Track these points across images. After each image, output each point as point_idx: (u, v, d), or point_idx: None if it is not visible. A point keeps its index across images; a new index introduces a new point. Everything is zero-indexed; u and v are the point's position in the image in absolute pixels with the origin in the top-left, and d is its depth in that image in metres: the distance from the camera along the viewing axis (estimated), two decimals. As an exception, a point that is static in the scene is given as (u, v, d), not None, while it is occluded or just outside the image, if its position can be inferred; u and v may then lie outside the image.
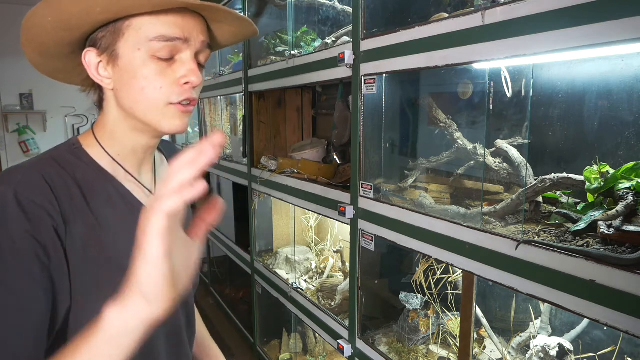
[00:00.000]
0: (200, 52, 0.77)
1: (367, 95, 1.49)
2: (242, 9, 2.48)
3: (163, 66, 0.73)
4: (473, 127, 1.47)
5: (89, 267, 0.73)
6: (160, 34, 0.72)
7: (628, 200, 0.98)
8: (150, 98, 0.74)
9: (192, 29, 0.74)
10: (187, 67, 0.74)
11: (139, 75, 0.73)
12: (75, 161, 0.78)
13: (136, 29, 0.73)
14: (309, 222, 2.60)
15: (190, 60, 0.75)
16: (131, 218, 0.80)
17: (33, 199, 0.67)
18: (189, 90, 0.76)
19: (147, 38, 0.72)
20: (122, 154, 0.82)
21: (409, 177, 1.60)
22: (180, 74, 0.74)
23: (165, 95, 0.74)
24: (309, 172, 2.01)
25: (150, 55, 0.73)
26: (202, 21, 0.77)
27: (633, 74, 1.11)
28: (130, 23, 0.73)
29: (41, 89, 5.18)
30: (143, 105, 0.75)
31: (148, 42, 0.72)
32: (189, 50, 0.75)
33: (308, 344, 2.42)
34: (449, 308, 1.57)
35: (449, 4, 1.39)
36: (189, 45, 0.74)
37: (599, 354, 1.17)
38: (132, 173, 0.84)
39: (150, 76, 0.73)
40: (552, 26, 0.89)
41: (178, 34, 0.72)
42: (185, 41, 0.74)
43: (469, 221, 1.18)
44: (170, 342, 0.89)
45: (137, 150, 0.83)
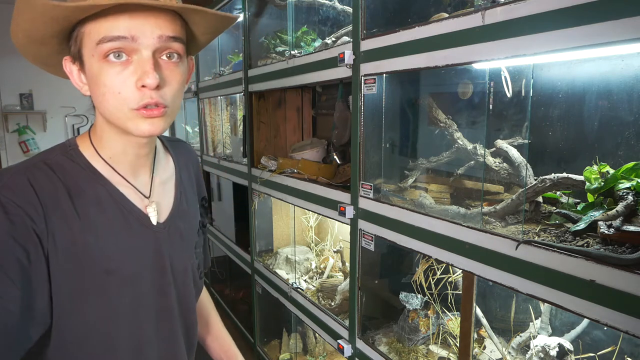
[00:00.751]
0: (163, 49, 0.72)
1: (367, 95, 1.49)
2: (242, 9, 2.48)
3: (118, 70, 0.70)
4: (473, 127, 1.47)
5: (75, 270, 0.73)
6: (103, 36, 0.68)
7: (628, 200, 0.98)
8: (111, 104, 0.72)
9: (142, 26, 0.69)
10: (142, 69, 0.70)
11: (99, 82, 0.72)
12: (68, 164, 0.77)
13: (88, 35, 0.71)
14: (309, 222, 2.60)
15: (145, 61, 0.70)
16: (123, 221, 0.80)
17: (15, 202, 0.68)
18: (150, 93, 0.71)
19: (95, 42, 0.70)
20: (113, 157, 0.81)
21: (409, 177, 1.60)
22: (136, 77, 0.70)
23: (125, 101, 0.71)
24: (309, 172, 2.01)
25: (102, 59, 0.70)
26: (162, 15, 0.72)
27: (633, 74, 1.11)
28: (83, 30, 0.71)
29: (41, 89, 5.18)
30: (108, 110, 0.73)
31: (96, 47, 0.70)
32: (143, 49, 0.70)
33: (308, 344, 2.42)
34: (449, 308, 1.57)
35: (449, 4, 1.39)
36: (140, 43, 0.70)
37: (599, 354, 1.17)
38: (125, 176, 0.83)
39: (107, 82, 0.71)
40: (552, 26, 0.89)
41: (122, 32, 0.68)
42: (132, 39, 0.69)
43: (469, 221, 1.18)
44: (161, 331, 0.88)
45: (127, 153, 0.82)
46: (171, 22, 0.73)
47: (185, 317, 0.93)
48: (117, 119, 0.74)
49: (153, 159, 0.90)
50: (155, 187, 0.88)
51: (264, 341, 2.75)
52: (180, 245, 0.91)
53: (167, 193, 0.91)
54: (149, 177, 0.88)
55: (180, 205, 0.93)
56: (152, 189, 0.87)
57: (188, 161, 1.02)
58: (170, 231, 0.88)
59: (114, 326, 0.80)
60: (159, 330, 0.87)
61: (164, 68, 0.73)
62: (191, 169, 1.02)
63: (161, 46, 0.71)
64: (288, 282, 2.23)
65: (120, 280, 0.79)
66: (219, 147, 3.28)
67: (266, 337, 2.76)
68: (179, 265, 0.90)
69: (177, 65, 0.75)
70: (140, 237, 0.83)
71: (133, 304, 0.81)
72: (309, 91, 2.59)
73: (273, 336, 2.74)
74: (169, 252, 0.87)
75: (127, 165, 0.83)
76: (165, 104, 0.73)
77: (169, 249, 0.87)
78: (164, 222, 0.87)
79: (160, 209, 0.87)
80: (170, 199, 0.91)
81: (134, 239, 0.82)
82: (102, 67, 0.70)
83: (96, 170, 0.80)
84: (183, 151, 1.02)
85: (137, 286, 0.82)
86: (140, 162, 0.85)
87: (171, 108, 0.76)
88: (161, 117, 0.74)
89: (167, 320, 0.88)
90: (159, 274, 0.85)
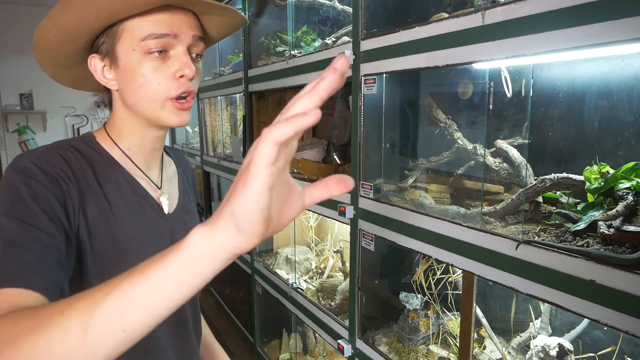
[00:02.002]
0: (193, 46, 0.82)
1: (367, 95, 1.49)
2: (242, 8, 2.48)
3: (158, 63, 0.78)
4: (473, 127, 1.47)
5: (95, 242, 0.78)
6: (150, 32, 0.76)
7: (628, 200, 0.98)
8: (149, 93, 0.79)
9: (180, 24, 0.79)
10: (181, 61, 0.79)
11: (137, 74, 0.79)
12: (88, 150, 0.84)
13: (129, 31, 0.78)
14: (309, 222, 2.60)
15: (183, 54, 0.79)
16: (139, 207, 0.87)
17: (52, 164, 0.74)
18: (186, 83, 0.80)
19: (139, 38, 0.77)
20: (131, 148, 0.88)
21: (409, 177, 1.60)
22: (175, 68, 0.78)
23: (164, 90, 0.79)
24: (309, 172, 2.01)
25: (144, 53, 0.77)
26: (192, 16, 0.82)
27: (633, 74, 1.11)
28: (123, 27, 0.78)
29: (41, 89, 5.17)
30: (144, 100, 0.80)
31: (140, 42, 0.77)
32: (181, 45, 0.79)
33: (308, 344, 2.42)
34: (449, 308, 1.57)
35: (449, 4, 1.39)
36: (180, 40, 0.79)
37: (599, 354, 1.17)
38: (140, 166, 0.90)
39: (147, 73, 0.78)
40: (552, 26, 0.89)
41: (167, 30, 0.77)
42: (174, 37, 0.78)
43: (469, 221, 1.18)
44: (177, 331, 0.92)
45: (144, 145, 0.89)
46: (198, 24, 0.83)
47: (192, 301, 0.98)
48: (151, 109, 0.81)
49: (162, 156, 0.97)
50: (164, 180, 0.95)
51: (264, 341, 2.75)
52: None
53: (173, 188, 0.98)
54: (159, 172, 0.95)
55: (185, 201, 0.99)
56: (162, 182, 0.94)
57: (185, 167, 1.09)
58: (179, 222, 0.94)
59: None
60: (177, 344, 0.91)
61: (194, 63, 0.82)
62: (188, 175, 1.10)
63: (192, 44, 0.81)
64: (288, 282, 2.23)
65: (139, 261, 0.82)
66: (219, 147, 3.28)
67: (266, 337, 2.76)
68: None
69: (199, 62, 0.85)
70: (156, 222, 0.89)
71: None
72: (309, 91, 2.58)
73: (273, 336, 2.74)
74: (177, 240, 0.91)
75: (142, 157, 0.90)
76: (193, 91, 0.83)
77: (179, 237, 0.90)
78: (173, 212, 0.93)
79: (169, 201, 0.94)
80: (176, 194, 0.98)
81: (150, 223, 0.87)
82: (142, 61, 0.78)
83: (113, 158, 0.86)
84: (179, 157, 1.10)
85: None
86: (153, 156, 0.92)
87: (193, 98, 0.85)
88: (187, 111, 0.83)
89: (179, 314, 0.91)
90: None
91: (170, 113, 0.81)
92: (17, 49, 4.81)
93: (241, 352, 2.91)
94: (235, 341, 3.05)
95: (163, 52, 0.78)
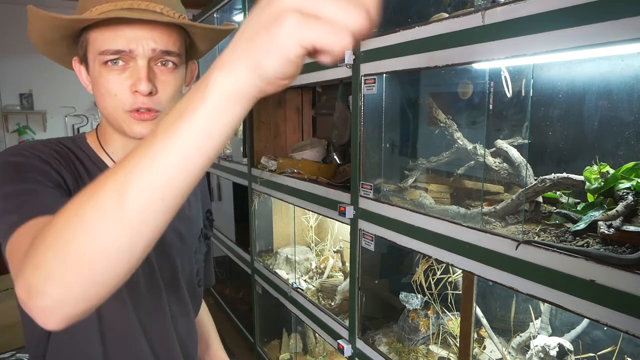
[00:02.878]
0: (157, 58, 0.77)
1: (367, 95, 1.49)
2: (242, 8, 2.48)
3: (115, 74, 0.76)
4: (473, 127, 1.47)
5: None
6: (105, 48, 0.74)
7: (628, 200, 0.98)
8: (108, 104, 0.78)
9: (139, 38, 0.74)
10: (136, 76, 0.75)
11: (98, 84, 0.77)
12: (77, 150, 0.84)
13: (92, 42, 0.77)
14: (309, 222, 2.60)
15: (140, 69, 0.75)
16: None
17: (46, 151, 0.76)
18: (143, 99, 0.76)
19: (97, 51, 0.75)
20: (115, 152, 0.87)
21: (409, 177, 1.60)
22: (131, 82, 0.76)
23: (120, 102, 0.77)
24: (309, 172, 2.01)
25: (102, 64, 0.76)
26: (162, 27, 0.76)
27: (633, 74, 1.11)
28: (88, 36, 0.77)
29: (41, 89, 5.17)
30: (107, 110, 0.79)
31: (98, 55, 0.76)
32: (139, 59, 0.75)
33: (308, 344, 2.42)
34: (449, 308, 1.57)
35: (449, 4, 1.39)
36: (137, 55, 0.75)
37: (599, 354, 1.17)
38: None
39: (105, 84, 0.76)
40: (552, 26, 0.89)
41: (122, 46, 0.74)
42: (130, 52, 0.74)
43: (469, 221, 1.18)
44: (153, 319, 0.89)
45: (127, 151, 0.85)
46: (167, 35, 0.77)
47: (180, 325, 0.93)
48: (113, 119, 0.79)
49: None
50: None
51: (264, 341, 2.75)
52: (180, 248, 0.93)
53: None
54: None
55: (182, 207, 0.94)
56: None
57: None
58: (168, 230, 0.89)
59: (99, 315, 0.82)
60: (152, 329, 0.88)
61: (159, 74, 0.78)
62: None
63: (155, 56, 0.77)
64: (288, 282, 2.23)
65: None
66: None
67: (266, 337, 2.76)
68: (175, 264, 0.91)
69: (171, 72, 0.79)
70: None
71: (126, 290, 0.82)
72: (309, 91, 2.59)
73: (273, 336, 2.74)
74: (166, 250, 0.89)
75: None
76: (157, 109, 0.78)
77: (165, 247, 0.89)
78: None
79: None
80: None
81: None
82: (102, 71, 0.76)
83: (100, 159, 0.86)
84: None
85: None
86: None
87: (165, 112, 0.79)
88: (153, 121, 0.79)
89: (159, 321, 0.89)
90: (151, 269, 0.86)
91: (130, 124, 0.78)
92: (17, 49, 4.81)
93: (241, 352, 2.91)
94: (235, 341, 3.05)
95: (119, 62, 0.75)
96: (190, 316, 0.97)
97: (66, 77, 5.15)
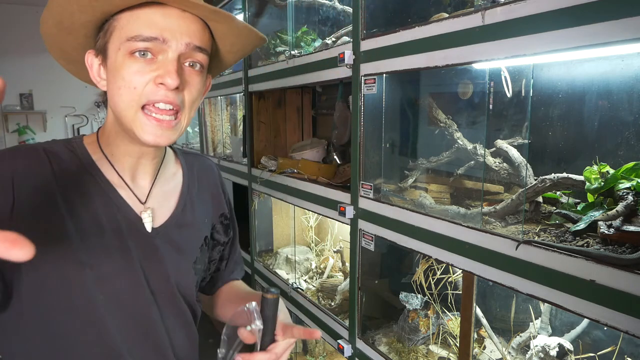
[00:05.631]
0: (187, 56, 0.73)
1: (367, 95, 1.49)
2: (242, 9, 2.48)
3: (141, 66, 0.71)
4: (473, 127, 1.47)
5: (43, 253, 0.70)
6: (137, 34, 0.69)
7: (628, 200, 0.98)
8: (124, 99, 0.72)
9: (174, 29, 0.70)
10: (164, 68, 0.70)
11: (118, 76, 0.72)
12: (66, 154, 0.79)
13: (119, 28, 0.71)
14: (309, 222, 2.60)
15: (170, 61, 0.71)
16: (111, 219, 0.79)
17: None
18: (167, 93, 0.71)
19: (126, 37, 0.70)
20: (115, 154, 0.81)
21: (409, 177, 1.60)
22: (157, 74, 0.71)
23: (136, 96, 0.71)
24: (309, 172, 2.01)
25: (128, 54, 0.71)
26: (194, 22, 0.73)
27: (633, 74, 1.11)
28: (116, 22, 0.72)
29: (41, 89, 5.18)
30: (119, 107, 0.73)
31: (126, 42, 0.70)
32: (170, 51, 0.71)
33: (308, 343, 2.42)
34: (449, 308, 1.57)
35: (449, 4, 1.39)
36: (169, 46, 0.71)
37: (599, 354, 1.17)
38: (124, 177, 0.82)
39: (127, 76, 0.71)
40: (552, 26, 0.89)
41: (156, 33, 0.69)
42: (163, 41, 0.70)
43: (469, 221, 1.18)
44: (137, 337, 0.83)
45: (129, 155, 0.82)
46: (201, 32, 0.74)
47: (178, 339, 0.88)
48: (124, 117, 0.74)
49: (158, 167, 0.89)
50: (154, 194, 0.87)
51: (264, 341, 2.75)
52: (175, 258, 0.87)
53: (166, 202, 0.89)
54: (149, 183, 0.87)
55: (182, 216, 0.90)
56: (150, 195, 0.86)
57: (203, 176, 0.99)
58: (163, 237, 0.85)
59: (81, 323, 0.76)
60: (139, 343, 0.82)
61: (186, 74, 0.74)
62: (205, 184, 0.99)
63: (187, 53, 0.73)
64: (288, 282, 2.23)
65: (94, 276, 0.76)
66: (219, 147, 3.28)
67: (266, 337, 2.75)
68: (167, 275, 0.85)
69: (197, 74, 0.76)
70: (125, 238, 0.80)
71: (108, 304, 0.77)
72: (309, 91, 2.59)
73: (273, 336, 2.74)
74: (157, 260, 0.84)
75: (127, 166, 0.83)
76: (180, 106, 0.74)
77: (157, 253, 0.84)
78: (159, 227, 0.85)
79: (155, 215, 0.85)
80: (169, 209, 0.89)
81: (117, 239, 0.79)
82: (125, 62, 0.71)
83: (94, 164, 0.80)
84: (199, 165, 1.00)
85: (112, 286, 0.78)
86: (141, 167, 0.84)
87: (186, 115, 0.76)
88: (167, 127, 0.74)
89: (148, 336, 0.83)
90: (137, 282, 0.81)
91: (143, 125, 0.72)
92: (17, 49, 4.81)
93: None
94: (235, 341, 3.04)
95: (147, 55, 0.70)
96: (191, 328, 0.92)
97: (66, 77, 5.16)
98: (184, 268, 0.89)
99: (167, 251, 0.86)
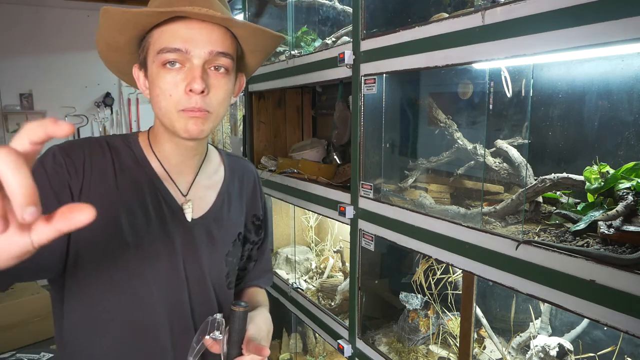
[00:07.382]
0: (211, 61, 0.82)
1: (367, 95, 1.49)
2: (242, 9, 2.48)
3: (172, 75, 0.81)
4: (473, 127, 1.47)
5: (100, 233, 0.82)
6: (164, 46, 0.80)
7: (628, 200, 0.98)
8: (163, 105, 0.83)
9: (196, 39, 0.80)
10: (191, 76, 0.80)
11: (154, 85, 0.83)
12: (124, 149, 0.90)
13: (152, 43, 0.82)
14: (309, 222, 2.60)
15: (194, 68, 0.80)
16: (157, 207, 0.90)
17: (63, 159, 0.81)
18: (196, 98, 0.81)
19: (156, 50, 0.81)
20: (162, 152, 0.92)
21: (409, 177, 1.60)
22: (186, 83, 0.80)
23: (174, 103, 0.82)
24: (309, 172, 2.01)
25: (160, 65, 0.81)
26: (215, 30, 0.82)
27: (633, 74, 1.11)
28: (150, 38, 0.83)
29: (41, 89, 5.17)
30: (161, 112, 0.84)
31: (157, 55, 0.81)
32: (195, 59, 0.80)
33: (308, 344, 2.42)
34: (449, 308, 1.57)
35: (449, 4, 1.39)
36: (192, 55, 0.80)
37: (599, 354, 1.17)
38: (170, 172, 0.93)
39: (161, 85, 0.81)
40: (552, 26, 0.89)
41: (179, 44, 0.79)
42: (186, 52, 0.79)
43: (469, 221, 1.18)
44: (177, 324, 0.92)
45: (174, 153, 0.93)
46: (222, 38, 0.83)
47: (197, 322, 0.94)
48: (167, 119, 0.84)
49: (200, 164, 0.99)
50: (195, 188, 0.97)
51: (264, 341, 2.75)
52: (209, 248, 0.96)
53: (206, 196, 0.99)
54: (192, 178, 0.97)
55: (220, 211, 1.00)
56: (191, 189, 0.96)
57: (243, 177, 1.10)
58: (200, 228, 0.95)
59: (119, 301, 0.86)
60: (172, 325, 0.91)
61: (212, 77, 0.83)
62: (244, 185, 1.10)
63: (210, 59, 0.82)
64: (288, 282, 2.23)
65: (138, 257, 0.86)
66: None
67: (266, 337, 2.75)
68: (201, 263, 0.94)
69: (223, 76, 0.85)
70: (168, 225, 0.90)
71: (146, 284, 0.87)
72: (309, 91, 2.59)
73: (273, 336, 2.73)
74: (194, 248, 0.93)
75: (172, 163, 0.93)
76: (207, 109, 0.83)
77: (194, 242, 0.93)
78: (198, 219, 0.95)
79: (195, 207, 0.95)
80: (208, 203, 0.99)
81: (161, 225, 0.89)
82: (159, 72, 0.81)
83: (145, 158, 0.91)
84: (241, 167, 1.11)
85: (152, 267, 0.87)
86: (185, 163, 0.95)
87: (214, 114, 0.85)
88: (204, 119, 0.84)
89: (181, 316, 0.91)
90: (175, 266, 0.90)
91: (183, 122, 0.83)
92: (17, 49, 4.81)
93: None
94: (235, 341, 3.04)
95: (176, 64, 0.80)
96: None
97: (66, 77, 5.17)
98: (216, 258, 0.98)
99: (202, 241, 0.95)
